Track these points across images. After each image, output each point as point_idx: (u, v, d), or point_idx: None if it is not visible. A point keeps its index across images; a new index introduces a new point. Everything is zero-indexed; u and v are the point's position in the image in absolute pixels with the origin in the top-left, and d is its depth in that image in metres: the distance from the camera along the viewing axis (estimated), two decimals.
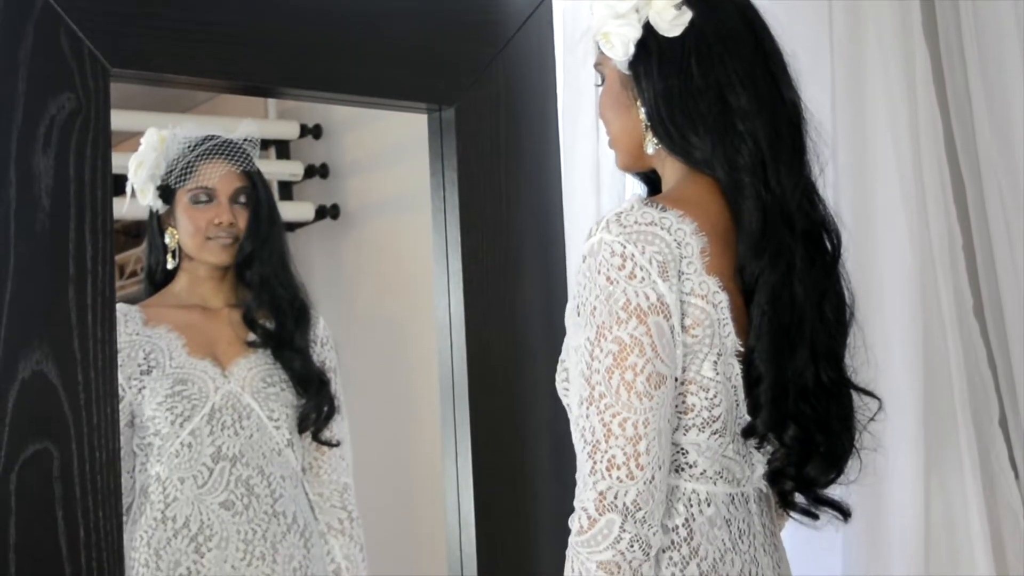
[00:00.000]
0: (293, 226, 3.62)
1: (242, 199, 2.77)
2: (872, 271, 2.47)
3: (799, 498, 1.83)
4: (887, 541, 2.41)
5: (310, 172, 3.59)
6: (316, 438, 2.78)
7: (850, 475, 1.83)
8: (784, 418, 1.71)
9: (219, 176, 2.75)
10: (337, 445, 2.81)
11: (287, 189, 3.63)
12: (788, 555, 1.95)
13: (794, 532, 1.94)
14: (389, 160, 3.46)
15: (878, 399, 1.86)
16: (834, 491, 1.87)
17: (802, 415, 1.73)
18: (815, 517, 1.84)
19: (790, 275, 1.72)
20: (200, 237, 2.74)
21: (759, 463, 1.77)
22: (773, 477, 1.78)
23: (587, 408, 1.65)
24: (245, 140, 2.81)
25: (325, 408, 2.78)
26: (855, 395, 1.83)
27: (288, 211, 3.55)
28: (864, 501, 2.41)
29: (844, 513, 1.85)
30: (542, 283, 1.84)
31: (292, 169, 3.57)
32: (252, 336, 2.77)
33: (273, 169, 3.53)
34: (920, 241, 2.47)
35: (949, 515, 2.44)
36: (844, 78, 2.52)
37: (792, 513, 1.85)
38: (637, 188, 1.97)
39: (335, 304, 3.49)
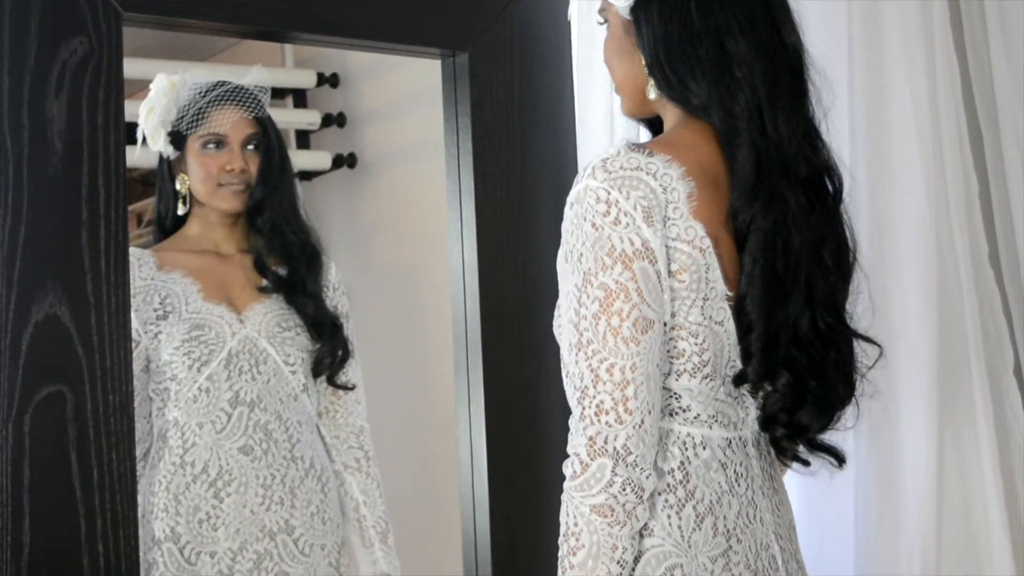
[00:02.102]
0: (310, 175, 3.63)
1: (253, 145, 2.78)
2: (887, 218, 2.46)
3: (792, 444, 1.83)
4: (899, 489, 2.41)
5: (327, 121, 3.59)
6: (331, 382, 2.79)
7: (848, 421, 1.83)
8: (775, 367, 1.71)
9: (231, 122, 2.76)
10: (352, 388, 2.82)
11: (304, 138, 3.63)
12: (798, 506, 1.96)
13: (805, 482, 1.94)
14: (406, 109, 3.46)
15: (879, 346, 1.86)
16: (845, 441, 1.87)
17: (795, 362, 1.73)
18: (806, 464, 1.84)
19: (784, 221, 1.71)
20: (212, 184, 2.74)
21: (752, 406, 1.77)
22: (765, 423, 1.77)
23: (576, 354, 1.65)
24: (256, 87, 2.81)
25: (339, 352, 2.79)
26: (856, 343, 1.83)
27: (305, 160, 3.56)
28: (876, 450, 2.42)
29: (839, 458, 1.85)
30: (555, 230, 1.83)
31: (309, 118, 3.57)
32: (264, 282, 2.78)
33: (290, 118, 3.53)
34: (936, 188, 2.45)
35: (962, 464, 2.44)
36: (860, 23, 2.50)
37: (784, 460, 1.85)
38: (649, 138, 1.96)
39: (352, 252, 3.50)
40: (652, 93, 1.80)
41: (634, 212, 1.64)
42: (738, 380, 1.73)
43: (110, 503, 2.05)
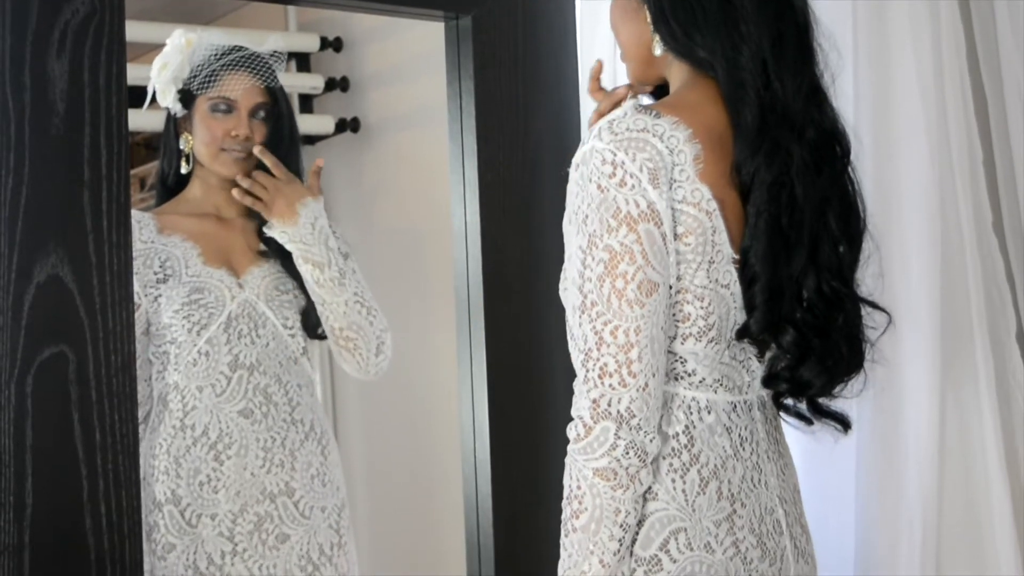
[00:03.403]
0: (313, 139, 3.62)
1: (261, 114, 2.77)
2: (891, 185, 2.46)
3: (797, 405, 1.83)
4: (901, 455, 2.41)
5: (330, 85, 3.57)
6: (315, 336, 2.79)
7: (854, 388, 1.83)
8: (779, 320, 1.71)
9: (242, 89, 2.75)
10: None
11: (307, 102, 3.62)
12: (800, 470, 1.96)
13: (807, 446, 1.94)
14: (410, 73, 3.45)
15: (887, 313, 1.85)
16: (848, 407, 1.87)
17: (799, 320, 1.72)
18: (809, 422, 1.84)
19: (788, 173, 1.71)
20: (215, 147, 2.74)
21: (758, 370, 1.77)
22: (768, 380, 1.77)
23: (580, 316, 1.65)
24: (273, 54, 2.80)
25: None
26: (865, 310, 1.82)
27: (308, 124, 3.55)
28: (879, 415, 2.42)
29: (844, 424, 1.85)
30: (558, 193, 1.83)
31: (312, 82, 3.56)
32: (263, 246, 2.78)
33: (293, 82, 3.52)
34: (940, 155, 2.45)
35: (964, 429, 2.44)
36: None
37: (787, 417, 1.85)
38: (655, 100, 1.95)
39: (355, 217, 3.49)
40: (658, 49, 1.79)
41: (640, 174, 1.64)
42: (741, 333, 1.73)
43: (112, 464, 2.05)
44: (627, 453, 1.61)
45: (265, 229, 2.72)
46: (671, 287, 1.67)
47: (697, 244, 1.67)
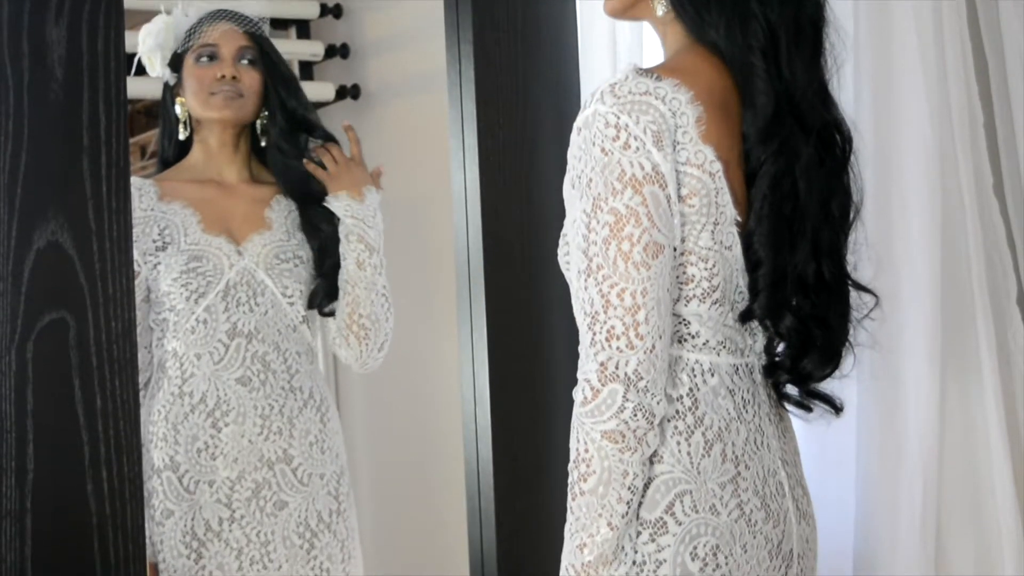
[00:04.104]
0: (314, 106, 3.61)
1: (247, 59, 2.78)
2: (891, 149, 2.45)
3: (792, 390, 1.84)
4: (902, 418, 2.41)
5: (331, 52, 3.57)
6: (322, 312, 2.80)
7: (843, 369, 1.84)
8: (780, 306, 1.72)
9: (220, 32, 2.77)
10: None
11: (308, 69, 3.61)
12: (802, 433, 1.96)
13: (804, 416, 1.94)
14: (410, 40, 3.44)
15: (875, 296, 1.86)
16: (846, 381, 1.88)
17: (800, 309, 1.74)
18: (808, 410, 1.85)
19: (793, 167, 1.72)
20: (204, 94, 2.74)
21: (759, 333, 1.78)
22: (769, 369, 1.79)
23: (585, 280, 1.65)
24: (256, 17, 2.81)
25: (334, 291, 2.79)
26: (854, 293, 1.84)
27: (309, 91, 3.53)
28: (879, 379, 2.42)
29: (836, 408, 1.86)
30: (558, 158, 1.83)
31: (312, 49, 3.55)
32: (268, 212, 2.78)
33: (293, 49, 3.51)
34: (940, 118, 2.44)
35: (965, 393, 2.44)
36: None
37: (787, 405, 1.86)
38: (655, 63, 1.95)
39: None
40: (660, 9, 1.79)
41: (644, 136, 1.64)
42: (744, 316, 1.74)
43: (113, 429, 2.05)
44: (635, 415, 1.61)
45: (329, 198, 2.75)
46: (675, 249, 1.67)
47: (701, 206, 1.68)
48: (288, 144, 2.80)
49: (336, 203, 2.73)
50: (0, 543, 1.96)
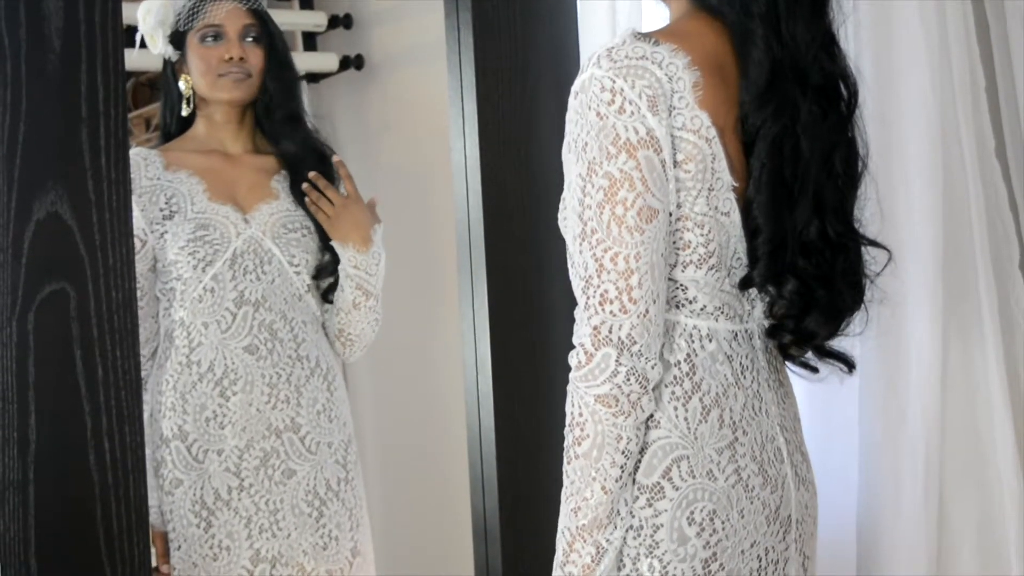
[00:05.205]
0: (317, 77, 3.61)
1: (252, 36, 2.77)
2: (892, 113, 2.44)
3: (799, 350, 1.83)
4: (904, 382, 2.41)
5: (334, 23, 3.57)
6: (325, 298, 2.81)
7: (856, 327, 1.83)
8: (781, 271, 1.71)
9: (225, 11, 2.76)
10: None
11: (311, 40, 3.61)
12: (802, 399, 1.96)
13: (810, 377, 1.94)
14: (413, 9, 3.44)
15: (888, 251, 1.85)
16: (848, 342, 1.87)
17: (802, 269, 1.73)
18: (815, 371, 1.85)
19: (794, 128, 1.71)
20: (211, 75, 2.74)
21: (759, 299, 1.77)
22: (772, 330, 1.78)
23: (580, 244, 1.65)
24: None
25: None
26: (864, 248, 1.82)
27: (312, 62, 3.54)
28: (881, 343, 2.42)
29: (849, 365, 1.85)
30: (558, 126, 1.83)
31: (316, 20, 3.55)
32: (274, 182, 2.79)
33: (297, 19, 3.52)
34: (942, 81, 2.43)
35: (966, 356, 2.44)
36: None
37: (792, 366, 1.85)
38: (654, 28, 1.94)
39: (360, 154, 3.50)
40: None
41: (639, 101, 1.64)
42: (744, 284, 1.73)
43: (115, 400, 2.06)
44: (628, 379, 1.61)
45: (333, 244, 2.76)
46: (671, 214, 1.67)
47: (697, 171, 1.67)
48: (285, 114, 2.80)
49: (343, 253, 2.76)
50: (4, 513, 1.97)
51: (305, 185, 2.75)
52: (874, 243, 1.84)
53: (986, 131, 2.48)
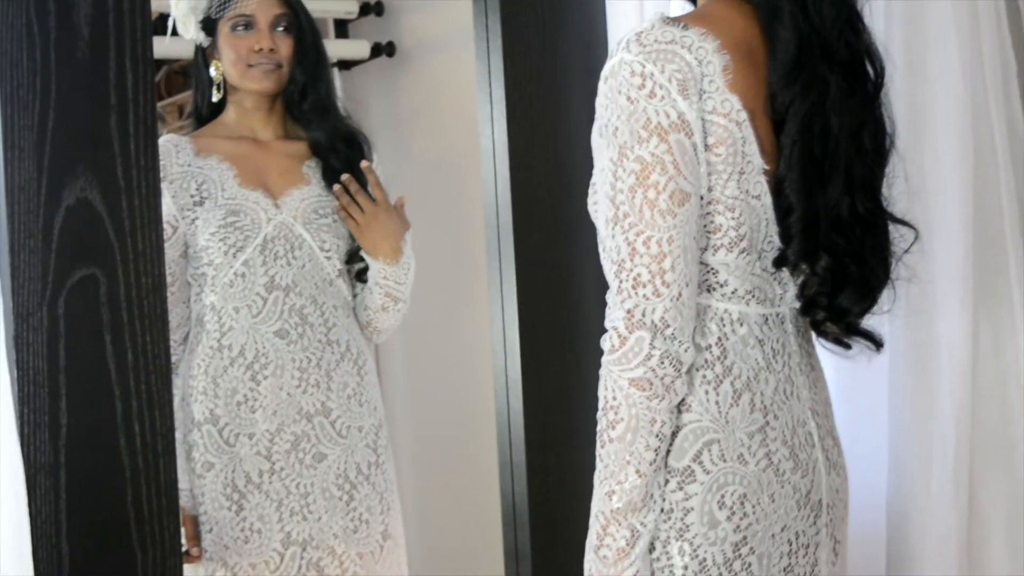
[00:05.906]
0: (349, 64, 3.62)
1: (283, 26, 2.77)
2: (923, 98, 2.43)
3: (832, 327, 1.83)
4: (934, 367, 2.40)
5: (365, 10, 3.57)
6: (360, 277, 2.82)
7: (884, 305, 1.82)
8: (815, 248, 1.71)
9: (256, 2, 2.76)
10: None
11: (342, 27, 3.62)
12: (832, 384, 1.95)
13: (839, 360, 1.94)
14: None
15: (915, 229, 1.85)
16: (879, 321, 1.86)
17: (835, 245, 1.73)
18: (847, 347, 1.84)
19: (822, 105, 1.71)
20: (241, 65, 2.75)
21: (790, 283, 1.77)
22: (806, 307, 1.77)
23: (612, 228, 1.65)
24: None
25: None
26: (892, 226, 1.82)
27: (344, 49, 3.55)
28: (911, 328, 2.41)
29: (876, 343, 1.85)
30: (587, 110, 1.83)
31: (347, 7, 3.55)
32: (304, 168, 2.80)
33: (328, 7, 3.53)
34: (972, 67, 2.42)
35: (997, 341, 2.43)
36: None
37: (824, 342, 1.85)
38: (682, 12, 1.94)
39: (391, 140, 3.50)
40: None
41: (669, 85, 1.64)
42: (778, 262, 1.73)
43: (145, 384, 2.07)
44: (662, 362, 1.62)
45: (363, 255, 2.77)
46: (702, 198, 1.67)
47: (727, 154, 1.67)
48: (317, 102, 2.81)
49: (373, 265, 2.77)
50: (35, 497, 1.98)
51: (336, 187, 2.75)
52: (902, 221, 1.83)
53: (1017, 116, 2.47)
